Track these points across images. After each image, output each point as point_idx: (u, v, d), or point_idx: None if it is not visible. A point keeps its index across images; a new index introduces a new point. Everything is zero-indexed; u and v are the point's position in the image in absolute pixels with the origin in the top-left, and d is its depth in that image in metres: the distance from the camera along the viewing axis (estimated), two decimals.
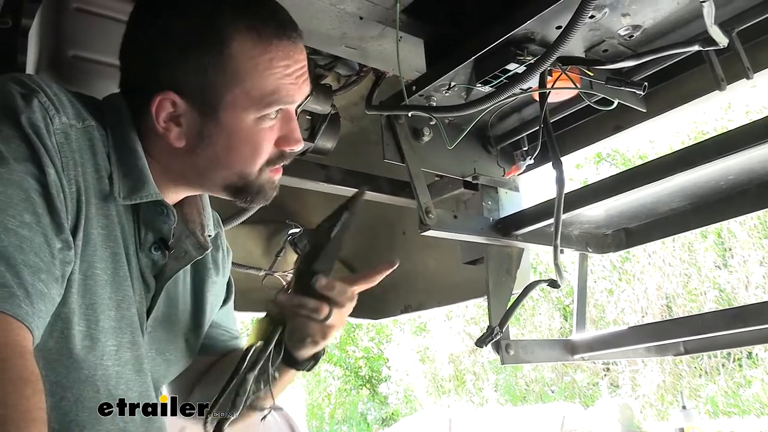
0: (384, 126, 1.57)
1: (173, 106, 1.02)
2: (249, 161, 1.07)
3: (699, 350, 2.03)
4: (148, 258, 1.09)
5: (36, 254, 0.84)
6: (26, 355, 0.79)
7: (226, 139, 1.04)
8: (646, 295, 10.54)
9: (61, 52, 1.34)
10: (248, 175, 1.08)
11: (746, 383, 9.49)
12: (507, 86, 1.30)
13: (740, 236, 9.79)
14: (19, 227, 0.83)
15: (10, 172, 0.86)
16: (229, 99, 1.02)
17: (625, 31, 1.30)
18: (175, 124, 1.03)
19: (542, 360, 1.91)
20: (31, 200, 0.87)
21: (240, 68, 1.01)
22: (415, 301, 2.52)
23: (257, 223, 2.50)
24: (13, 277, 0.80)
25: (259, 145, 1.06)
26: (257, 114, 1.04)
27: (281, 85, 1.04)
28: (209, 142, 1.04)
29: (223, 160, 1.06)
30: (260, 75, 1.02)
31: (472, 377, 13.38)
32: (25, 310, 0.81)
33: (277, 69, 1.03)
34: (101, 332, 0.98)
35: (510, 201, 1.87)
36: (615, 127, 1.72)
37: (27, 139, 0.89)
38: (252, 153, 1.07)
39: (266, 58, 1.03)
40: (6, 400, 0.73)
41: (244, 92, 1.02)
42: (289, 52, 1.05)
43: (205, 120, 1.03)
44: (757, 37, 1.41)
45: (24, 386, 0.76)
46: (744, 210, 1.70)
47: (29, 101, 0.92)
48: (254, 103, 1.03)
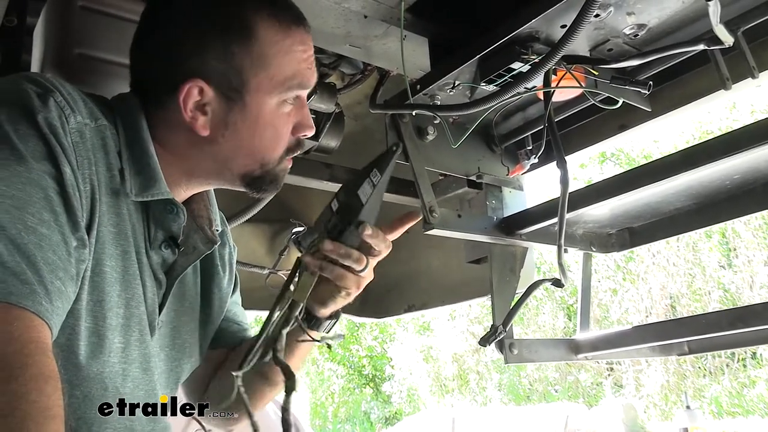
0: (388, 125, 1.57)
1: (200, 94, 1.05)
2: (271, 147, 1.10)
3: (703, 350, 2.03)
4: (158, 255, 1.10)
5: (54, 252, 0.86)
6: (48, 353, 0.80)
7: (251, 124, 1.07)
8: (650, 295, 10.52)
9: (66, 50, 1.34)
10: (269, 163, 1.11)
11: (750, 383, 9.47)
12: (511, 85, 1.30)
13: (745, 236, 9.76)
14: (38, 225, 0.85)
15: (29, 171, 0.87)
16: (254, 83, 1.06)
17: (630, 30, 1.30)
18: (201, 112, 1.06)
19: (546, 359, 1.90)
20: (49, 198, 0.88)
21: (264, 52, 1.06)
22: (418, 300, 2.52)
23: (261, 221, 2.50)
24: (33, 274, 0.81)
25: (281, 130, 1.10)
26: (280, 98, 1.08)
27: (300, 69, 1.09)
28: (234, 128, 1.07)
29: (246, 147, 1.09)
30: (283, 59, 1.07)
31: (475, 377, 13.38)
32: (45, 307, 0.82)
33: (296, 54, 1.08)
34: (109, 329, 0.98)
35: (514, 200, 1.87)
36: (620, 126, 1.72)
37: (44, 138, 0.90)
38: (274, 138, 1.10)
39: (287, 43, 1.08)
40: (28, 396, 0.74)
41: (269, 76, 1.06)
42: (305, 39, 1.10)
43: (230, 105, 1.06)
44: (763, 36, 1.41)
45: (45, 383, 0.77)
46: (749, 210, 1.70)
47: (45, 101, 0.93)
48: (277, 87, 1.07)
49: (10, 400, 0.72)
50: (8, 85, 0.96)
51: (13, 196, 0.83)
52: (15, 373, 0.74)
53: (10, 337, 0.77)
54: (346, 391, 15.81)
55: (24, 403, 0.73)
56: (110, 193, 1.00)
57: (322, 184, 1.84)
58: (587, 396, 11.44)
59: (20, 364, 0.75)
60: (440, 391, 14.08)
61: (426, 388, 14.30)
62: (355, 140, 2.14)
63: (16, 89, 0.94)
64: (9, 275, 0.79)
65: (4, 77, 1.00)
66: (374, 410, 15.39)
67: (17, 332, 0.77)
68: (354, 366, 15.69)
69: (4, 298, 0.78)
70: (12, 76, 0.99)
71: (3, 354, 0.75)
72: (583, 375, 11.70)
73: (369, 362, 15.65)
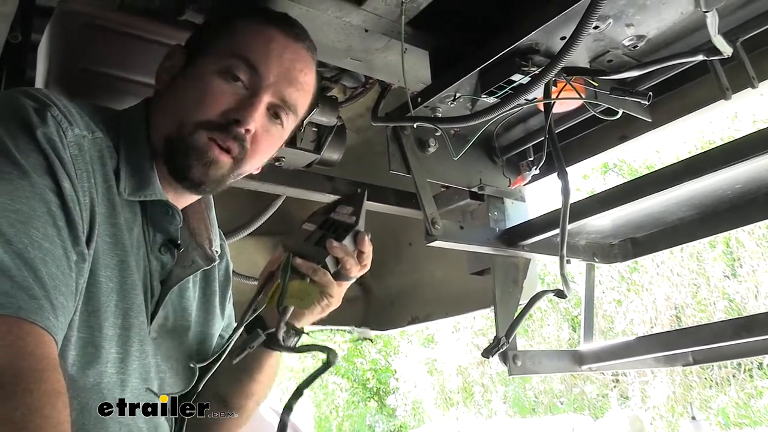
0: (390, 137, 1.58)
1: (175, 56, 1.16)
2: (193, 107, 1.09)
3: (708, 360, 2.01)
4: (157, 260, 1.11)
5: (57, 267, 0.87)
6: (58, 368, 0.81)
7: (187, 81, 1.12)
8: (655, 306, 10.47)
9: (70, 66, 1.35)
10: (185, 125, 1.08)
11: (757, 394, 9.39)
12: (512, 97, 1.31)
13: (749, 246, 9.72)
14: (42, 239, 0.86)
15: (32, 185, 0.88)
16: (210, 49, 1.12)
17: (630, 41, 1.30)
18: (165, 72, 1.15)
19: (550, 371, 1.90)
20: (51, 213, 0.89)
21: (233, 30, 1.13)
22: (422, 312, 2.52)
23: (263, 234, 2.50)
24: (40, 289, 0.82)
25: (206, 93, 1.09)
26: (221, 64, 1.09)
27: (253, 48, 1.11)
28: (175, 84, 1.13)
29: (175, 105, 1.11)
30: (243, 36, 1.12)
31: (480, 389, 13.30)
32: (52, 322, 0.83)
33: (260, 40, 1.12)
34: (105, 340, 0.99)
35: (516, 211, 1.87)
36: (620, 137, 1.72)
37: (44, 153, 0.91)
38: (198, 98, 1.09)
39: (257, 29, 1.13)
40: (42, 410, 0.75)
41: (223, 45, 1.11)
42: (279, 39, 1.13)
43: (185, 65, 1.14)
44: (762, 47, 1.41)
45: (57, 399, 0.78)
46: (752, 219, 1.69)
47: (43, 115, 0.94)
48: (225, 54, 1.10)
49: (25, 414, 0.74)
50: (5, 100, 0.97)
51: (18, 210, 0.84)
52: (30, 387, 0.76)
53: (24, 352, 0.78)
54: (351, 404, 15.72)
55: (38, 417, 0.74)
56: (107, 203, 1.02)
57: (324, 196, 1.84)
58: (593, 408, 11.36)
59: (35, 380, 0.76)
60: (445, 404, 13.99)
61: (431, 400, 14.21)
62: (357, 153, 2.15)
63: (14, 104, 0.95)
64: (18, 289, 0.80)
65: (1, 93, 1.02)
66: (379, 424, 15.29)
67: (30, 347, 0.78)
68: (358, 379, 15.60)
69: (15, 313, 0.78)
70: (8, 92, 1.01)
71: (18, 368, 0.76)
72: (588, 387, 11.62)
73: (373, 375, 15.57)
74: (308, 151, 1.70)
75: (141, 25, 1.38)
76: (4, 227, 0.82)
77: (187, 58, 1.15)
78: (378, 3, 1.24)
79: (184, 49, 1.17)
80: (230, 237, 2.06)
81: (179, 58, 1.15)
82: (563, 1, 1.12)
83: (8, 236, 0.81)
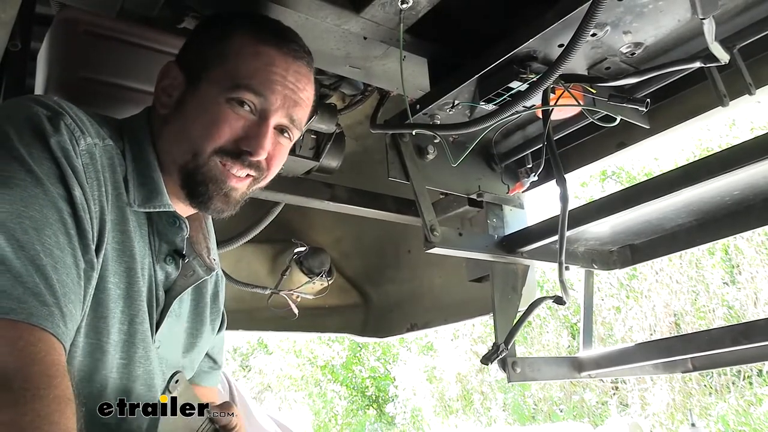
0: (389, 144, 1.58)
1: (172, 75, 1.14)
2: (203, 136, 1.10)
3: (707, 367, 2.01)
4: (162, 270, 1.12)
5: (67, 275, 0.87)
6: (68, 375, 0.82)
7: (195, 108, 1.11)
8: (654, 313, 10.46)
9: (69, 74, 1.36)
10: (200, 154, 1.10)
11: (757, 401, 9.37)
12: (510, 104, 1.31)
13: (747, 252, 9.72)
14: (54, 247, 0.87)
15: (46, 193, 0.89)
16: (213, 74, 1.11)
17: (627, 48, 1.31)
18: (166, 94, 1.14)
19: (549, 377, 1.89)
20: (63, 221, 0.90)
21: (231, 51, 1.12)
22: (421, 319, 2.51)
23: (263, 242, 2.51)
24: (51, 296, 0.83)
25: (217, 121, 1.10)
26: (228, 94, 1.09)
27: (256, 76, 1.11)
28: (182, 110, 1.12)
29: (185, 132, 1.11)
30: (242, 61, 1.11)
31: (479, 397, 13.26)
32: (62, 329, 0.84)
33: (258, 63, 1.11)
34: (111, 345, 0.99)
35: (515, 218, 1.87)
36: (618, 144, 1.72)
37: (57, 162, 0.92)
38: (209, 127, 1.10)
39: (255, 51, 1.12)
40: (50, 417, 0.76)
41: (225, 70, 1.10)
42: (278, 61, 1.13)
43: (187, 88, 1.13)
44: (759, 54, 1.42)
45: (66, 406, 0.79)
46: (750, 225, 1.69)
47: (56, 124, 0.95)
48: (228, 82, 1.10)
49: (34, 420, 0.74)
50: (17, 107, 0.98)
51: (32, 217, 0.85)
52: (40, 393, 0.76)
53: (35, 358, 0.78)
54: (350, 412, 15.66)
55: (46, 423, 0.75)
56: (117, 210, 1.03)
57: (323, 204, 1.85)
58: (592, 415, 11.32)
59: (45, 385, 0.77)
60: (444, 411, 13.95)
61: (430, 408, 14.16)
62: (356, 160, 2.15)
63: (27, 112, 0.95)
64: (29, 296, 0.80)
65: (11, 99, 1.02)
66: None
67: (41, 353, 0.79)
68: (357, 387, 15.56)
69: (26, 319, 0.79)
70: (19, 99, 1.01)
71: (29, 374, 0.77)
72: (588, 394, 11.59)
73: (372, 383, 15.52)
74: (307, 158, 1.70)
75: (140, 33, 1.39)
76: (18, 233, 0.83)
77: (187, 80, 1.14)
78: (377, 11, 1.24)
79: (180, 68, 1.15)
80: (229, 244, 2.06)
81: (178, 79, 1.15)
82: (561, 8, 1.13)
83: (22, 242, 0.83)
